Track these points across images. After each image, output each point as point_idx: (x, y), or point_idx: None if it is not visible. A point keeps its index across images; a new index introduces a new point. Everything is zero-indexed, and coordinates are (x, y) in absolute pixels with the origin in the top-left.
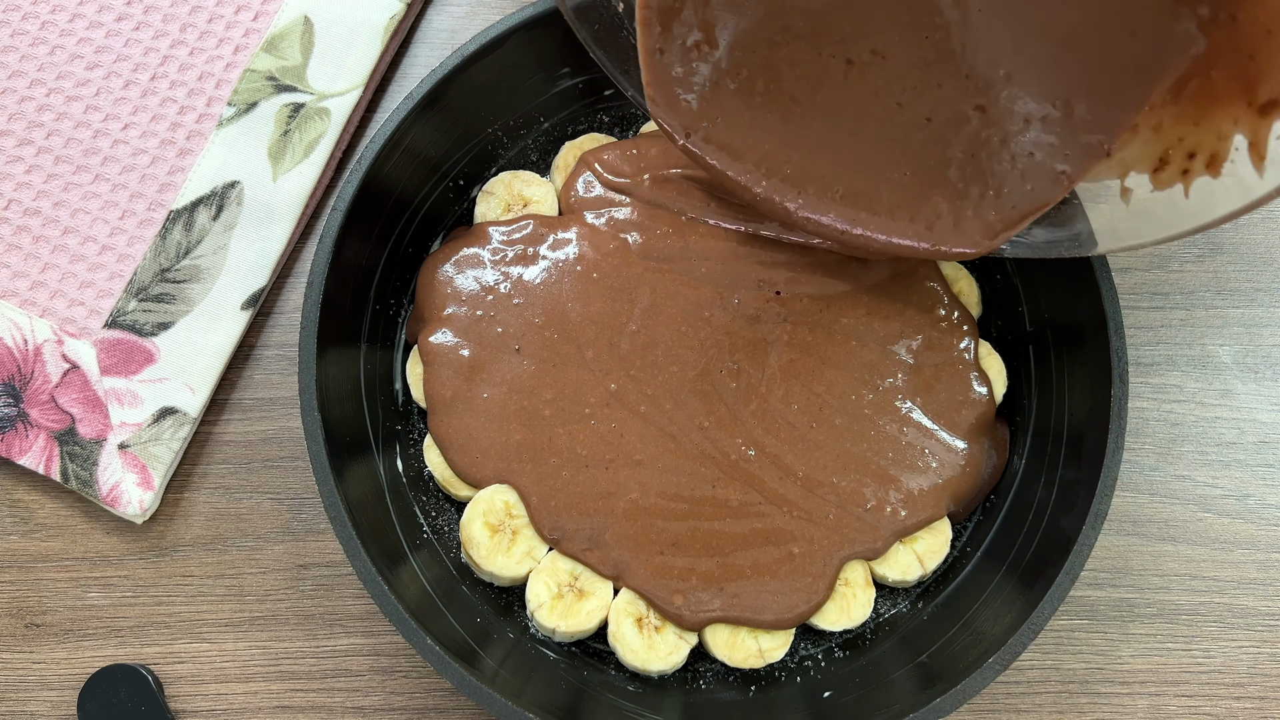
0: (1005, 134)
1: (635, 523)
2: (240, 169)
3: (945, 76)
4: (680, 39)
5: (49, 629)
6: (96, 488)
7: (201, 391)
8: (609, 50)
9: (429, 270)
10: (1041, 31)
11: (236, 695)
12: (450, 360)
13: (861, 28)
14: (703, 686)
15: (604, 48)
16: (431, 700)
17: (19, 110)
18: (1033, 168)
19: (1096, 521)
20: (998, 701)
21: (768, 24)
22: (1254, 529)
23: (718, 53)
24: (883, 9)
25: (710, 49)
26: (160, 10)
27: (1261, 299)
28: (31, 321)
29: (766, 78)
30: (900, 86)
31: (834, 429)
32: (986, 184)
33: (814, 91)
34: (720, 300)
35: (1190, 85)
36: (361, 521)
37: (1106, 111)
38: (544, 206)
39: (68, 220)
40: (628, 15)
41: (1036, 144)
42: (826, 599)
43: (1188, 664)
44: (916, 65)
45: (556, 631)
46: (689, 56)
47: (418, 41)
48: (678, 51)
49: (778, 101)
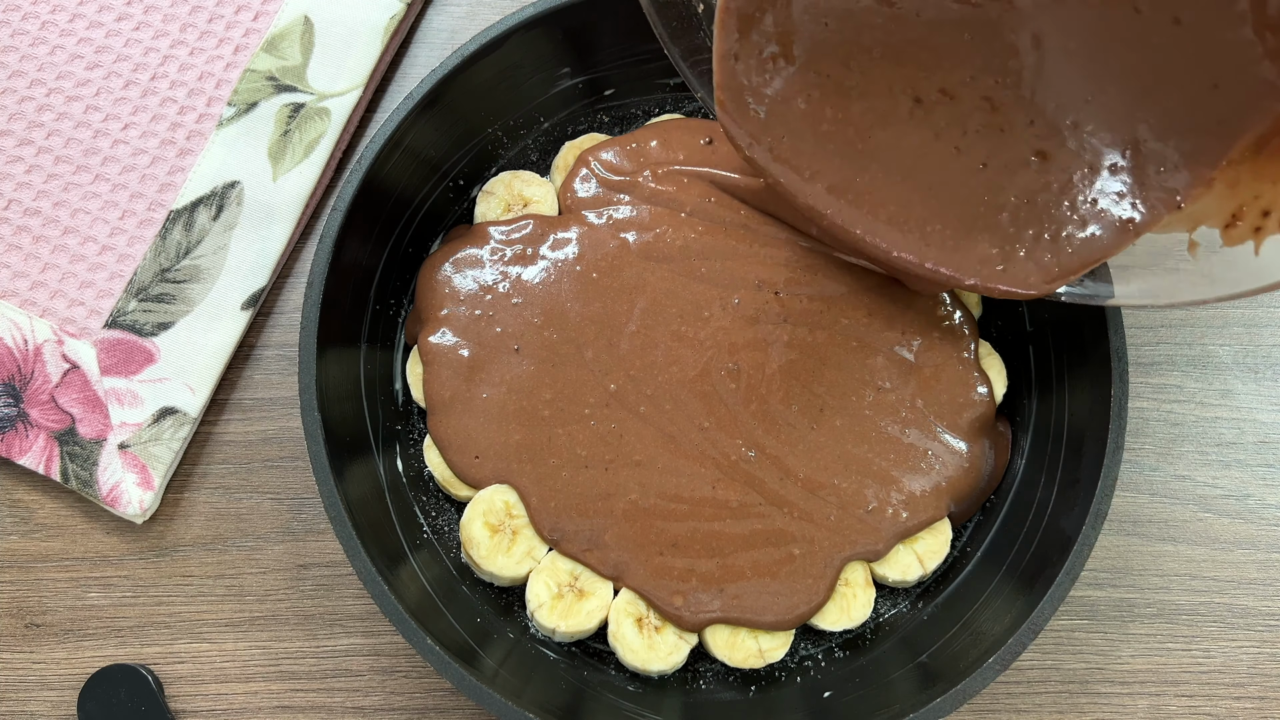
0: (1067, 181)
1: (635, 523)
2: (240, 169)
3: (1010, 122)
4: (757, 48)
5: (49, 629)
6: (96, 488)
7: (201, 391)
8: (683, 48)
9: (429, 270)
10: (1121, 81)
11: (236, 695)
12: (450, 360)
13: (936, 64)
14: (703, 686)
15: (679, 45)
16: (431, 700)
17: (19, 110)
18: (1095, 216)
19: (1096, 521)
20: (998, 701)
21: (844, 48)
22: (1254, 529)
23: (792, 68)
24: (960, 48)
25: (785, 64)
26: (160, 10)
27: (1261, 299)
28: (31, 321)
29: (835, 105)
30: (961, 129)
31: (834, 430)
32: (1042, 229)
33: (878, 126)
34: (720, 300)
35: (1273, 142)
36: (361, 521)
37: (1183, 165)
38: (544, 206)
39: (68, 220)
40: (706, 17)
41: (1102, 193)
42: (827, 600)
43: (1188, 664)
44: (982, 109)
45: (556, 631)
46: (763, 67)
47: (418, 41)
48: (753, 60)
49: (843, 131)
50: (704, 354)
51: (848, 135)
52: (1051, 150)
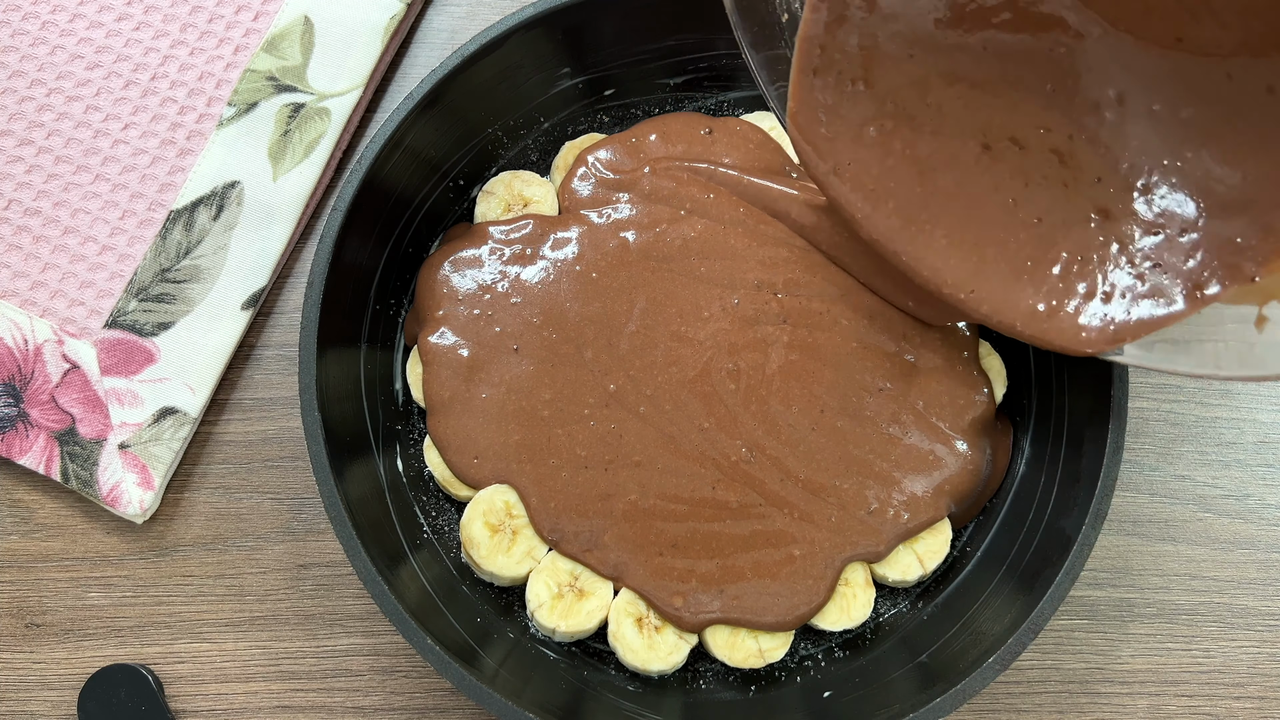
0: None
1: (634, 524)
2: (240, 169)
3: (1076, 177)
4: (837, 68)
5: (49, 629)
6: (97, 488)
7: (201, 391)
8: (762, 55)
9: (428, 270)
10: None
11: (236, 695)
12: (449, 360)
13: (1012, 111)
14: (703, 686)
15: (759, 52)
16: (431, 700)
17: (19, 110)
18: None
19: (1096, 521)
20: (998, 701)
21: (925, 83)
22: (1254, 529)
23: (869, 94)
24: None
25: (864, 88)
26: (160, 10)
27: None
28: (32, 321)
29: (905, 140)
30: (1024, 180)
31: (835, 431)
32: (1097, 287)
33: (941, 169)
34: (720, 301)
35: None
36: (361, 521)
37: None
38: (544, 206)
39: (68, 220)
40: (789, 27)
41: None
42: (827, 601)
43: (1188, 664)
44: (1049, 161)
45: (556, 631)
46: (841, 87)
47: (418, 41)
48: (831, 79)
49: (906, 168)
50: (704, 354)
51: (910, 173)
52: (1116, 210)
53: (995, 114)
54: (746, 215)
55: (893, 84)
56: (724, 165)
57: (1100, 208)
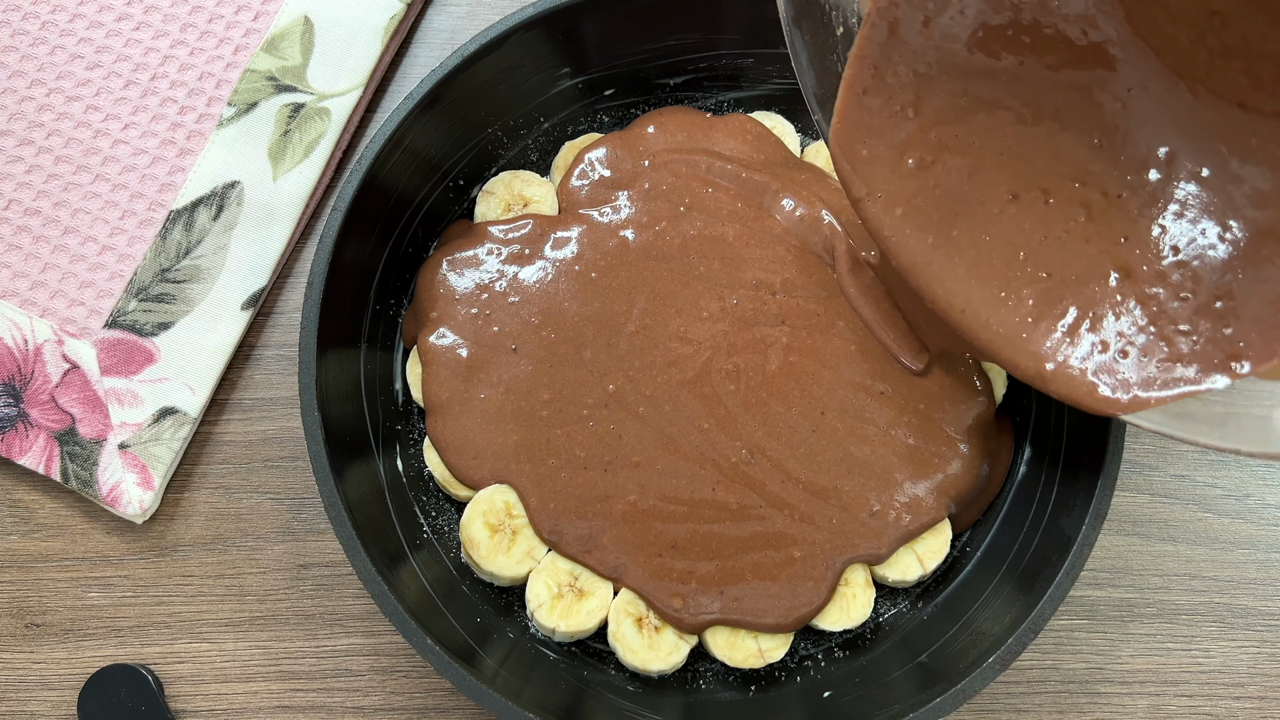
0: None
1: (634, 525)
2: (240, 169)
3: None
4: (888, 90)
5: (49, 629)
6: (96, 488)
7: (201, 391)
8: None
9: (428, 270)
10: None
11: (236, 695)
12: (448, 361)
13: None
14: (703, 686)
15: (813, 67)
16: (431, 700)
17: (19, 110)
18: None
19: (1096, 521)
20: (998, 701)
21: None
22: (1254, 529)
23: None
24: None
25: (912, 114)
26: (160, 10)
27: None
28: (32, 321)
29: (938, 177)
30: (1042, 235)
31: (834, 432)
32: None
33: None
34: (719, 301)
35: None
36: (361, 521)
37: None
38: (544, 206)
39: (68, 220)
40: (844, 41)
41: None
42: (828, 603)
43: (1188, 664)
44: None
45: (556, 631)
46: (888, 110)
47: (418, 41)
48: (880, 100)
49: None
50: (703, 354)
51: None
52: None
53: (1034, 161)
54: (745, 211)
55: (940, 118)
56: (723, 158)
57: (1121, 265)
